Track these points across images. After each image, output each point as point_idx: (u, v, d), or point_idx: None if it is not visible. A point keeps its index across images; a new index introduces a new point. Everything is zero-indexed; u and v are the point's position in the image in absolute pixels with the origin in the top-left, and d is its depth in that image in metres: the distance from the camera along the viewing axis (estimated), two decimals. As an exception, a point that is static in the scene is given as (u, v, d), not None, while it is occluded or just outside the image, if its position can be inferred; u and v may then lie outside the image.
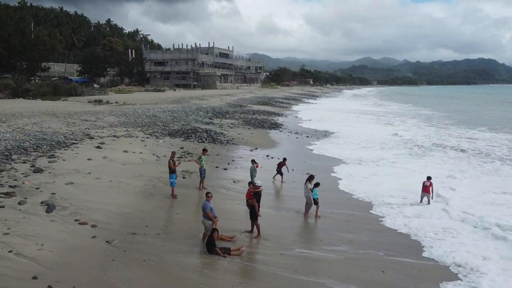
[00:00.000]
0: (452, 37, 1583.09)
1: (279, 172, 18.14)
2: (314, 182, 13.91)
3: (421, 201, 15.68)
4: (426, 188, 15.44)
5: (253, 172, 16.45)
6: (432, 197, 15.57)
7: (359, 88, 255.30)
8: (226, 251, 10.09)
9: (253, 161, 16.99)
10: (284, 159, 18.47)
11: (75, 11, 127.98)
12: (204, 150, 16.84)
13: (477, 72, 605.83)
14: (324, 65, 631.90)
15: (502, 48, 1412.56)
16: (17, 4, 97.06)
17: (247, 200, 11.59)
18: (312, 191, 13.62)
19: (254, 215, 11.29)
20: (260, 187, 12.25)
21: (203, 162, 15.78)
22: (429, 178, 15.65)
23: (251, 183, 12.36)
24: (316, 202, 13.58)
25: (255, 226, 11.47)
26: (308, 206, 13.76)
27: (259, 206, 11.67)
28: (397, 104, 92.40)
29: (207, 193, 11.04)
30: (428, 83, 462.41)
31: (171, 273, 9.02)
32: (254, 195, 11.63)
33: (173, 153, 15.60)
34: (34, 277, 8.28)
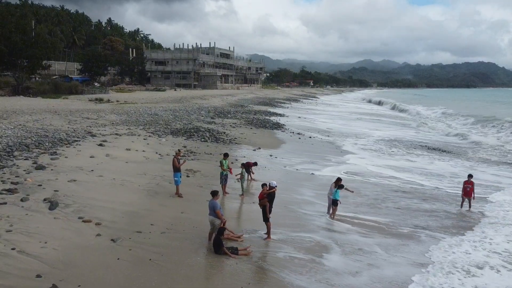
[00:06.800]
0: (451, 40, 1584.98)
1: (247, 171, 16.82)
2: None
3: (461, 207, 14.76)
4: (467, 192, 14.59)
5: (244, 178, 15.49)
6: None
7: (359, 90, 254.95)
8: (234, 251, 9.84)
9: (242, 165, 16.01)
10: (255, 163, 17.37)
11: (76, 9, 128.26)
12: (225, 155, 15.32)
13: (477, 76, 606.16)
14: (324, 66, 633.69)
15: (502, 51, 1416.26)
16: (18, 2, 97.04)
17: (259, 200, 11.33)
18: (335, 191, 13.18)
19: (264, 215, 11.05)
20: (274, 188, 11.85)
21: (226, 167, 14.87)
22: (470, 176, 14.86)
23: (265, 184, 11.89)
24: (334, 203, 13.17)
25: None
26: (329, 206, 13.49)
27: (271, 207, 11.38)
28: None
29: (215, 191, 10.78)
30: (428, 86, 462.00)
31: (178, 273, 8.78)
32: (267, 196, 11.33)
33: (178, 151, 15.31)
34: (38, 276, 8.04)
